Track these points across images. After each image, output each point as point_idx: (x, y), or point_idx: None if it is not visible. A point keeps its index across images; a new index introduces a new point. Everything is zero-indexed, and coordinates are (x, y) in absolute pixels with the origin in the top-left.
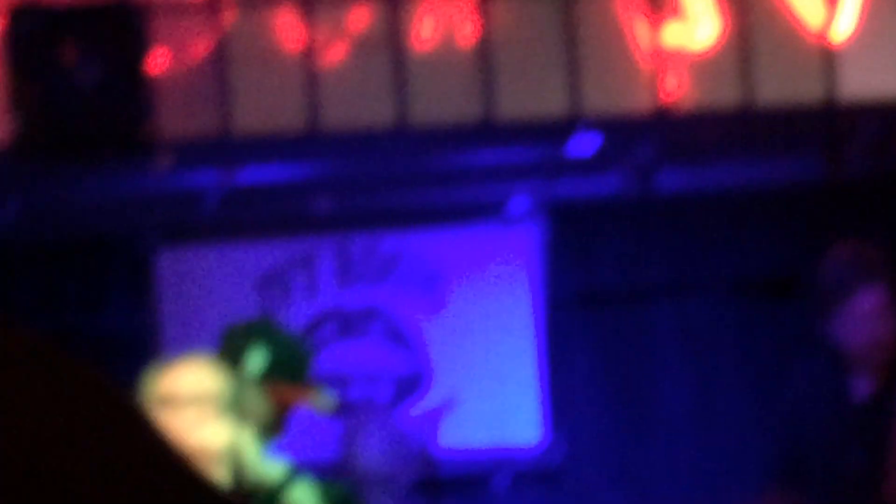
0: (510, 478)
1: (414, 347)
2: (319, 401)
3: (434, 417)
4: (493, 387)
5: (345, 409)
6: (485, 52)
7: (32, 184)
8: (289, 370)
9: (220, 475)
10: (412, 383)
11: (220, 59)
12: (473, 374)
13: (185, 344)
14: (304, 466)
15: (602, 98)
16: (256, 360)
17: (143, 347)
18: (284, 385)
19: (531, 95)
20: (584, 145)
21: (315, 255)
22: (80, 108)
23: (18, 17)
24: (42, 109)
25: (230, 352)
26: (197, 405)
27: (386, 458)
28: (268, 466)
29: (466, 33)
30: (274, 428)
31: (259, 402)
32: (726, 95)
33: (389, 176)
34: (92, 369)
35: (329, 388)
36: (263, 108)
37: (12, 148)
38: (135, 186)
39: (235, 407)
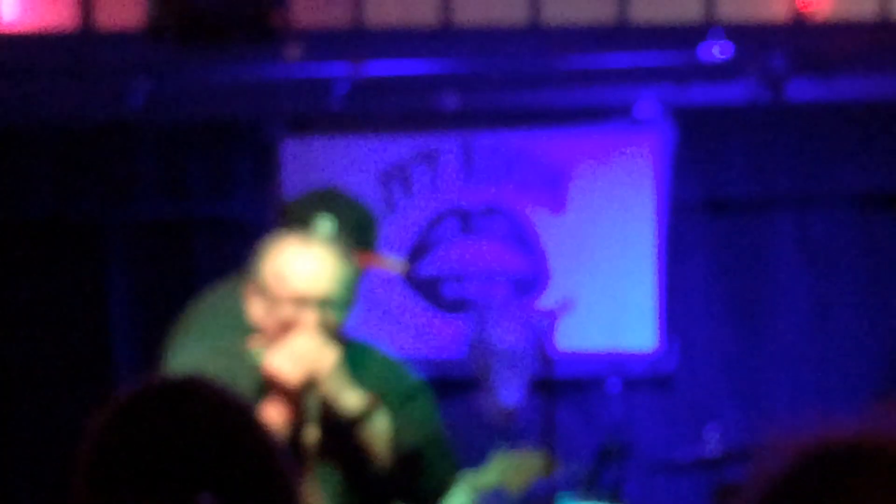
0: (623, 383)
1: (533, 248)
2: (391, 264)
3: (549, 319)
4: (610, 291)
5: (464, 307)
6: None
7: (164, 67)
8: (357, 235)
9: (315, 396)
10: (530, 284)
11: None
12: (591, 277)
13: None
14: (424, 364)
15: (737, 4)
16: (325, 227)
17: (265, 235)
18: (355, 251)
19: None
20: (716, 51)
21: (439, 152)
22: None
23: None
24: None
25: (297, 223)
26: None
27: (516, 354)
28: (350, 396)
29: None
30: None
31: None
32: (862, 6)
33: (519, 74)
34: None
35: (448, 285)
36: (396, 1)
37: (145, 30)
38: (263, 74)
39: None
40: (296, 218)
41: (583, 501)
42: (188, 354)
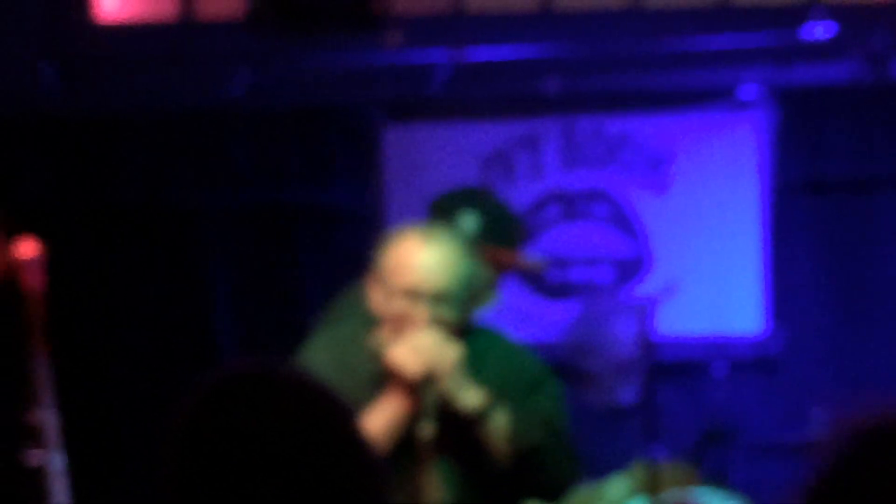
0: (728, 366)
1: (637, 231)
2: (532, 265)
3: (653, 303)
4: (714, 274)
5: (568, 292)
6: None
7: (263, 56)
8: (500, 234)
9: (433, 391)
10: (633, 267)
11: None
12: (695, 261)
13: (407, 221)
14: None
15: None
16: (469, 224)
17: (365, 222)
18: (496, 248)
19: None
20: (818, 31)
21: (541, 136)
22: None
23: None
24: None
25: (442, 218)
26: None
27: (628, 341)
28: (468, 394)
29: None
30: (487, 293)
31: (476, 269)
32: None
33: (620, 58)
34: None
35: (551, 270)
36: None
37: (245, 19)
38: (363, 61)
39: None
40: (441, 212)
41: (724, 497)
42: (313, 343)
